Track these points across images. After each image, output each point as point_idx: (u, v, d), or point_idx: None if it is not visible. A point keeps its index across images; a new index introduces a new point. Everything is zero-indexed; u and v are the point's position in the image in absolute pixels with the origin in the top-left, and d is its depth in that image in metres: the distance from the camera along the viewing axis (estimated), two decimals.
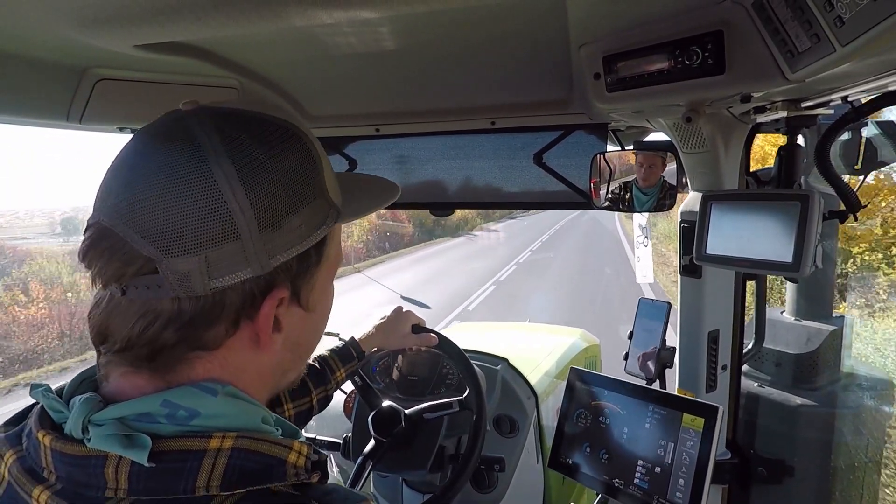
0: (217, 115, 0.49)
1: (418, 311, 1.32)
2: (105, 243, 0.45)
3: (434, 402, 1.30)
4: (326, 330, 1.63)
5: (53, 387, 0.50)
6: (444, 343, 1.29)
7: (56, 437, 0.46)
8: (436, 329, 1.32)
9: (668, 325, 1.31)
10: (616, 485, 1.11)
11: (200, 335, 0.47)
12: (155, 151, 0.46)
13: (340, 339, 1.20)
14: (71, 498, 0.45)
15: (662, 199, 1.21)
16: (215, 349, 0.48)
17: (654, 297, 1.36)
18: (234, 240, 0.45)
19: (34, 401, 0.50)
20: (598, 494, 1.18)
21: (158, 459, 0.43)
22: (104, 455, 0.44)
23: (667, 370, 1.30)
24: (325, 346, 1.18)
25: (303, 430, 1.16)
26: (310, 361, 1.12)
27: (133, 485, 0.43)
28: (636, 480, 1.09)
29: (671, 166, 1.21)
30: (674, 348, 1.29)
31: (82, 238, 0.47)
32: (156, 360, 0.47)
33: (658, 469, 1.06)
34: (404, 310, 1.30)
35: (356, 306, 8.83)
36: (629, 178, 1.26)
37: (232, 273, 0.46)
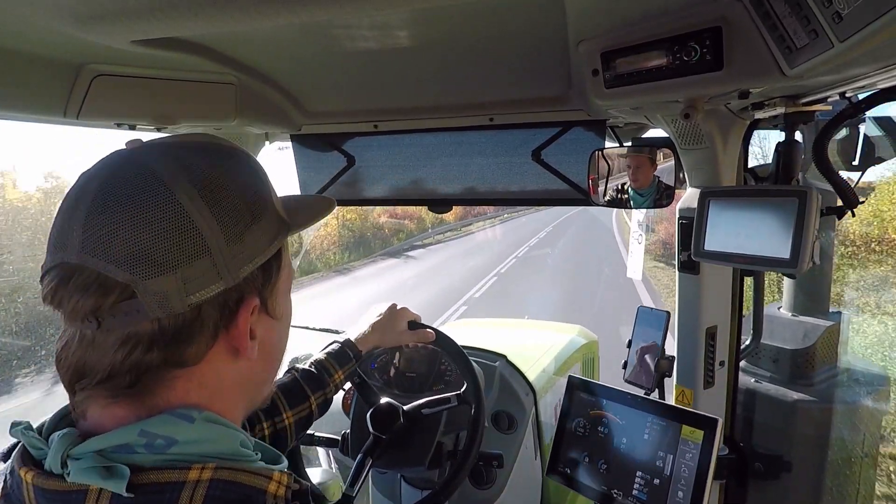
0: (164, 146, 0.52)
1: None
2: (77, 279, 0.45)
3: (432, 397, 1.30)
4: (328, 327, 1.60)
5: (34, 425, 0.51)
6: (442, 339, 1.29)
7: (37, 474, 0.46)
8: (433, 325, 1.32)
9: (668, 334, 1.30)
10: (615, 495, 1.11)
11: (182, 352, 0.48)
12: (113, 187, 0.47)
13: (336, 341, 1.19)
14: None
15: (659, 198, 1.21)
16: (196, 364, 0.49)
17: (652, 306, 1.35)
18: (205, 255, 0.47)
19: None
20: None
21: (137, 491, 0.44)
22: (84, 490, 0.45)
23: (665, 380, 1.29)
24: (320, 349, 1.17)
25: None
26: (306, 367, 1.11)
27: None
28: (635, 492, 1.08)
29: (668, 164, 1.21)
30: (672, 357, 1.29)
31: (43, 283, 0.48)
32: (137, 385, 0.47)
33: (657, 481, 1.06)
34: (399, 307, 1.30)
35: None
36: (625, 180, 1.26)
37: (206, 287, 0.47)
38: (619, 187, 1.26)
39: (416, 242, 20.87)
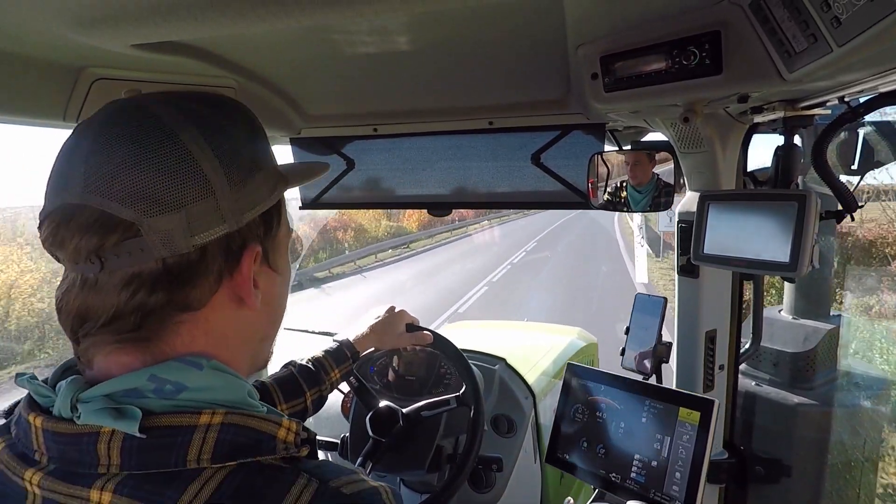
0: (165, 94, 0.52)
1: None
2: (79, 218, 0.45)
3: (431, 399, 1.30)
4: (323, 330, 1.61)
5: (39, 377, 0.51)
6: (440, 341, 1.29)
7: (47, 418, 0.46)
8: (431, 328, 1.32)
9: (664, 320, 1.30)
10: (613, 479, 1.12)
11: (187, 294, 0.48)
12: (114, 128, 0.47)
13: (335, 341, 1.19)
14: (63, 477, 0.45)
15: (658, 197, 1.21)
16: (200, 309, 0.49)
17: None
18: (209, 197, 0.47)
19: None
20: (594, 489, 1.18)
21: (148, 434, 0.44)
22: (96, 431, 0.45)
23: (663, 366, 1.30)
24: (318, 347, 1.17)
25: None
26: (303, 363, 1.12)
27: (125, 459, 0.44)
28: (633, 475, 1.10)
29: (668, 166, 1.21)
30: (670, 343, 1.29)
31: (42, 228, 0.47)
32: (143, 328, 0.47)
33: (654, 463, 1.07)
34: (397, 309, 1.30)
35: None
36: (623, 178, 1.26)
37: (210, 229, 0.48)
38: (618, 185, 1.26)
39: (316, 273, 14.53)
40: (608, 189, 1.27)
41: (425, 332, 1.28)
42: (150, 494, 0.44)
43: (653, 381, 1.27)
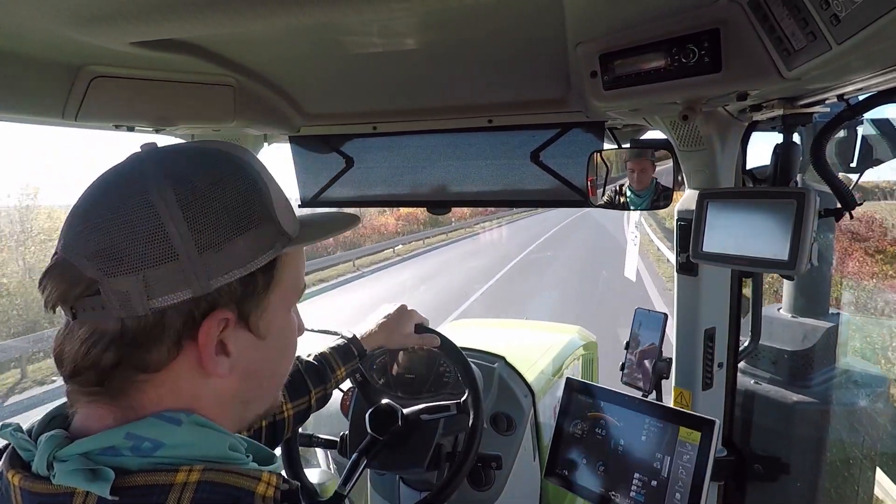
0: (166, 151, 0.52)
1: None
2: (57, 269, 0.47)
3: (432, 403, 1.30)
4: (326, 328, 1.62)
5: (24, 426, 0.51)
6: (446, 345, 1.29)
7: (25, 476, 0.46)
8: (438, 330, 1.32)
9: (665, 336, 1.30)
10: (612, 497, 1.11)
11: (143, 356, 0.48)
12: (105, 187, 0.50)
13: (342, 337, 1.18)
14: None
15: (656, 200, 1.21)
16: (159, 371, 0.49)
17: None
18: (172, 261, 0.46)
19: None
20: None
21: (122, 494, 0.44)
22: (71, 492, 0.45)
23: (663, 381, 1.29)
24: (325, 343, 1.17)
25: (300, 429, 1.16)
26: (310, 359, 1.11)
27: None
28: (632, 493, 1.08)
29: (667, 165, 1.21)
30: (670, 359, 1.29)
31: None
32: (105, 385, 0.48)
33: (654, 482, 1.06)
34: (408, 308, 1.29)
35: None
36: (623, 181, 1.26)
37: (171, 293, 0.47)
38: (618, 189, 1.26)
39: None
40: (608, 192, 1.27)
41: (433, 334, 1.28)
42: None
43: (653, 397, 1.27)
